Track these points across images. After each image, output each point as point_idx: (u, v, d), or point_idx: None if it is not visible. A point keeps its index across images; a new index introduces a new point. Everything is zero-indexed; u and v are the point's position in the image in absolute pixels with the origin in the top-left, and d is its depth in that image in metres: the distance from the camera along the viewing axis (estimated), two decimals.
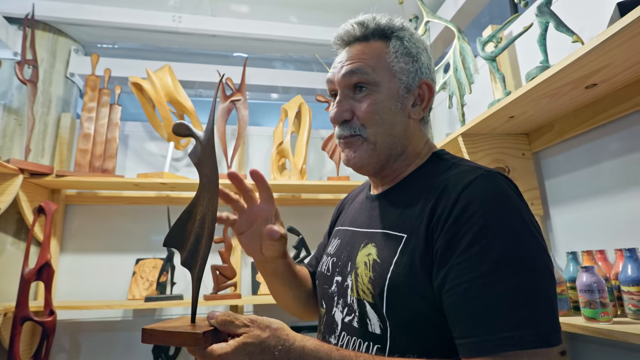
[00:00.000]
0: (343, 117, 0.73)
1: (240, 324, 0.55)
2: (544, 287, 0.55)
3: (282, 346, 0.53)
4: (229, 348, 0.53)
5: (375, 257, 0.67)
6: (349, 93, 0.73)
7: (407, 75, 0.73)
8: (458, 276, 0.56)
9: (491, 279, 0.54)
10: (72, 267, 1.99)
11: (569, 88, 1.10)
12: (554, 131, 1.37)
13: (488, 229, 0.56)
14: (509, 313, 0.52)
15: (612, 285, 1.05)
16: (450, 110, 2.02)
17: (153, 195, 2.13)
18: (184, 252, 0.65)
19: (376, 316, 0.63)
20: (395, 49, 0.73)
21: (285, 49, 2.55)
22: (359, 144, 0.72)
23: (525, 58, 1.54)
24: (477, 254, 0.55)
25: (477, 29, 2.12)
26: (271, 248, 0.76)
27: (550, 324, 0.53)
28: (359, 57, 0.73)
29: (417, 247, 0.61)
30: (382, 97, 0.71)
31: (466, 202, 0.59)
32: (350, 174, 2.20)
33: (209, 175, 0.64)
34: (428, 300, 0.59)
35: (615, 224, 1.18)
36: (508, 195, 0.60)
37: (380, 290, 0.62)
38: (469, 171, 0.63)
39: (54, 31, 2.17)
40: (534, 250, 0.56)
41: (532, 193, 1.45)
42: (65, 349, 1.91)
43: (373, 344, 0.63)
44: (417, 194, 0.68)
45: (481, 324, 0.53)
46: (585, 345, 1.28)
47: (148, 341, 0.55)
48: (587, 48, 0.90)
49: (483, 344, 0.52)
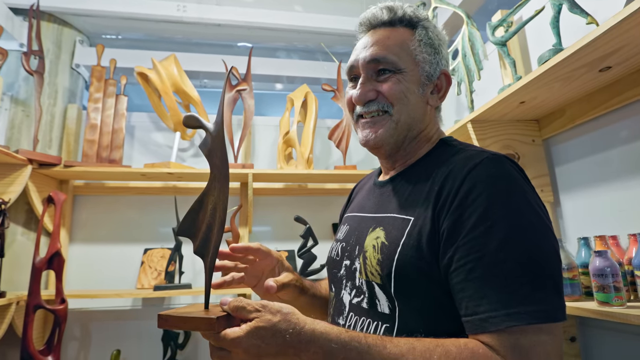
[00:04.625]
0: (368, 97, 0.75)
1: (252, 309, 0.57)
2: (549, 265, 0.57)
3: (292, 329, 0.55)
4: (242, 332, 0.54)
5: (383, 239, 0.68)
6: (372, 75, 0.76)
7: (429, 65, 0.75)
8: (464, 256, 0.57)
9: (496, 258, 0.55)
10: (81, 257, 2.01)
11: (582, 71, 1.08)
12: (565, 117, 1.35)
13: (493, 210, 0.57)
14: (514, 290, 0.53)
15: (626, 270, 1.05)
16: (458, 97, 2.00)
17: (160, 185, 2.13)
18: (197, 241, 0.67)
19: (385, 297, 0.65)
20: (420, 38, 0.76)
21: (291, 38, 2.52)
22: (384, 121, 0.74)
23: (536, 43, 1.52)
24: (482, 234, 0.57)
25: (485, 15, 2.09)
26: (284, 295, 0.80)
27: (555, 300, 0.54)
28: (384, 42, 0.75)
29: (424, 229, 0.63)
30: (407, 80, 0.74)
31: (471, 184, 0.60)
32: (357, 163, 2.19)
33: (219, 166, 0.65)
34: (435, 280, 0.61)
35: (627, 210, 1.16)
36: (513, 177, 0.61)
37: (388, 271, 0.64)
38: (474, 155, 0.65)
39: (59, 22, 2.16)
40: (539, 230, 0.58)
41: (542, 180, 1.43)
42: (76, 336, 1.93)
43: (381, 323, 0.65)
44: (424, 178, 0.70)
45: (487, 301, 0.54)
46: (595, 331, 1.28)
47: (164, 326, 0.57)
48: (602, 29, 0.88)
49: (489, 320, 0.53)
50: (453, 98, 2.06)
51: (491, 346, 0.53)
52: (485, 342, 0.54)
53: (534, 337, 0.52)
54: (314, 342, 0.55)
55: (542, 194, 1.41)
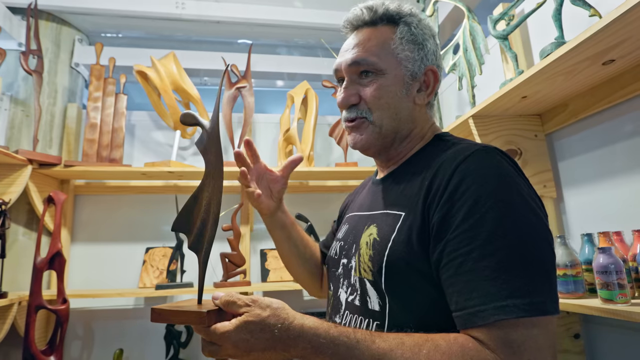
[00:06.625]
0: (350, 102, 0.75)
1: (242, 304, 0.57)
2: (541, 258, 0.55)
3: (281, 324, 0.55)
4: (231, 326, 0.55)
5: (375, 236, 0.69)
6: (355, 79, 0.75)
7: (412, 63, 0.74)
8: (454, 250, 0.57)
9: (485, 251, 0.54)
10: (83, 257, 2.01)
11: (585, 65, 1.06)
12: (568, 111, 1.33)
13: (482, 202, 0.56)
14: (504, 283, 0.52)
15: (630, 266, 1.03)
16: (460, 92, 1.98)
17: (161, 184, 2.13)
18: (191, 237, 0.67)
19: (375, 293, 0.65)
20: (401, 36, 0.74)
21: (290, 34, 2.51)
22: (365, 127, 0.74)
23: (538, 37, 1.49)
24: (471, 227, 0.56)
25: (486, 9, 2.06)
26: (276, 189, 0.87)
27: (546, 293, 0.53)
28: (365, 44, 0.74)
29: (415, 223, 0.63)
30: (388, 83, 0.73)
31: (461, 177, 0.59)
32: (358, 160, 2.18)
33: (214, 162, 0.66)
34: (426, 275, 0.60)
35: (631, 206, 1.15)
36: (503, 168, 0.60)
37: (379, 266, 0.64)
38: (465, 148, 0.64)
39: (58, 21, 2.15)
40: (530, 223, 0.57)
41: (544, 175, 1.42)
42: (79, 336, 1.94)
43: (372, 320, 0.65)
44: (416, 173, 0.70)
45: (476, 295, 0.53)
46: (599, 328, 1.26)
47: (156, 320, 0.58)
48: (605, 21, 0.86)
49: (478, 314, 0.52)
50: (454, 93, 2.04)
51: (481, 340, 0.52)
52: (475, 336, 0.53)
53: (524, 330, 0.51)
54: (303, 337, 0.55)
55: (545, 190, 1.40)
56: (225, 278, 1.85)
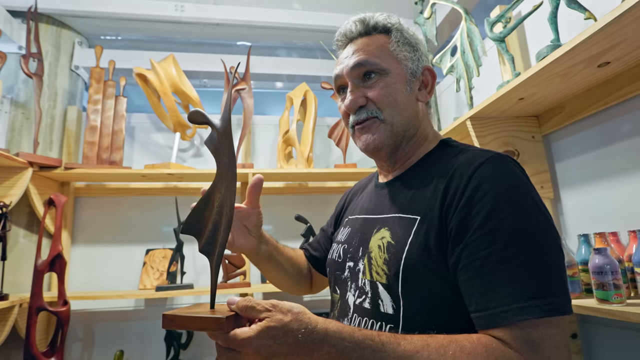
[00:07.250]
0: (358, 104, 0.76)
1: (262, 309, 0.56)
2: (555, 260, 0.58)
3: (305, 329, 0.54)
4: (252, 332, 0.53)
5: (389, 239, 0.69)
6: (359, 82, 0.77)
7: (411, 62, 0.78)
8: (473, 253, 0.58)
9: (505, 254, 0.56)
10: (83, 259, 2.02)
11: (580, 67, 1.07)
12: (565, 112, 1.34)
13: (500, 208, 0.58)
14: (524, 285, 0.54)
15: (626, 267, 1.04)
16: (457, 94, 1.99)
17: (161, 186, 2.14)
18: (202, 240, 0.65)
19: (389, 297, 0.65)
20: (397, 39, 0.78)
21: (289, 36, 2.52)
22: (376, 126, 0.75)
23: (535, 39, 1.51)
24: (490, 231, 0.58)
25: (483, 11, 2.08)
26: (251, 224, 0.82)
27: (562, 294, 0.56)
28: (365, 48, 0.77)
29: (432, 227, 0.64)
30: (393, 81, 0.75)
31: (478, 182, 0.61)
32: (357, 161, 2.18)
33: (227, 163, 0.64)
34: (443, 278, 0.61)
35: (627, 207, 1.16)
36: (517, 176, 0.63)
37: (395, 270, 0.64)
38: (479, 154, 0.66)
39: (58, 24, 2.16)
40: (543, 227, 0.59)
41: (542, 176, 1.43)
42: (80, 338, 1.94)
43: (385, 323, 0.65)
44: (428, 178, 0.71)
45: (498, 296, 0.55)
46: (596, 328, 1.27)
47: (169, 326, 0.56)
48: (600, 24, 0.88)
49: (501, 315, 0.54)
50: (452, 95, 2.05)
51: (504, 340, 0.54)
52: (497, 336, 0.54)
53: (544, 330, 0.53)
54: (327, 342, 0.54)
55: (542, 191, 1.41)
56: (225, 279, 1.86)
